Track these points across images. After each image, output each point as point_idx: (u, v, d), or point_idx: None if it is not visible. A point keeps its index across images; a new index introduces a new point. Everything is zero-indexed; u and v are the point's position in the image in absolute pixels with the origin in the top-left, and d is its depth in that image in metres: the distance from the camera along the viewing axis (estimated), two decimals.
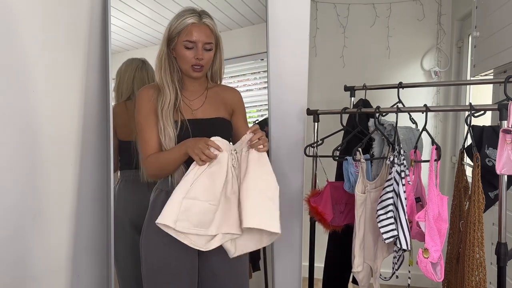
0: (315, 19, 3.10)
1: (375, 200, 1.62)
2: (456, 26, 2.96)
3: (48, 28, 1.59)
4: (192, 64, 1.44)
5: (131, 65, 1.83)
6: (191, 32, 1.41)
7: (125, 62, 1.85)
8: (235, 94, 1.63)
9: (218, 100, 1.57)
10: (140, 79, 1.83)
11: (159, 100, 1.46)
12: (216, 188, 1.33)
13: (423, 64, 3.06)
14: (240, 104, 1.64)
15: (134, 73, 1.82)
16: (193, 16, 1.42)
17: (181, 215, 1.29)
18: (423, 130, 1.62)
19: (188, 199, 1.30)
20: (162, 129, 1.44)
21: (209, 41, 1.44)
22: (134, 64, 1.84)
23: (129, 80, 1.82)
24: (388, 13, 3.05)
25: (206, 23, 1.44)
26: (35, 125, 1.54)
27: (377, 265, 1.72)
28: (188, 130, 1.45)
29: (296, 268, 2.07)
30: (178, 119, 1.46)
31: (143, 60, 1.86)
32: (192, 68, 1.45)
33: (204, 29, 1.43)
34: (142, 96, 1.49)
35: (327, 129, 1.89)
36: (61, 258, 1.71)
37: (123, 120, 1.79)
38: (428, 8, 3.02)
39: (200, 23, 1.42)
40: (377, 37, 3.07)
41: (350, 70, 3.05)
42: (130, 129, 1.71)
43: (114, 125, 1.76)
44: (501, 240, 1.43)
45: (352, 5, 3.10)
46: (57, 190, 1.67)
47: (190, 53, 1.43)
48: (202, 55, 1.43)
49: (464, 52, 2.93)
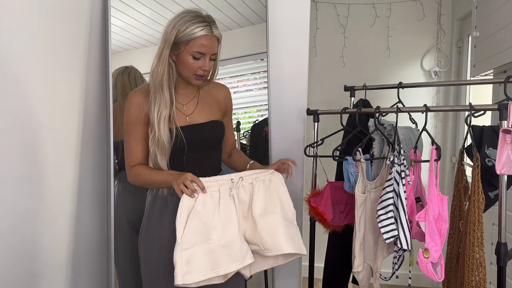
0: (315, 19, 3.10)
1: (375, 200, 1.62)
2: (456, 26, 2.96)
3: (48, 28, 1.59)
4: (196, 74, 1.42)
5: (115, 72, 1.83)
6: (202, 45, 1.37)
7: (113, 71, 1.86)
8: (226, 92, 1.60)
9: (211, 100, 1.55)
10: (121, 82, 1.82)
11: (154, 106, 1.39)
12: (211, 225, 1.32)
13: (423, 64, 3.06)
14: (230, 103, 1.63)
15: (116, 78, 1.82)
16: (204, 26, 1.36)
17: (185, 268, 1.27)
18: (423, 130, 1.62)
19: (184, 251, 1.28)
20: (156, 139, 1.39)
21: (216, 51, 1.42)
22: (117, 70, 1.84)
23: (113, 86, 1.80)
24: (388, 13, 3.05)
25: (216, 34, 1.40)
26: (35, 125, 1.54)
27: (377, 265, 1.72)
28: (182, 141, 1.41)
29: (296, 268, 2.07)
30: (173, 127, 1.41)
31: (127, 66, 1.85)
32: (195, 77, 1.42)
33: (214, 42, 1.40)
34: (133, 100, 1.44)
35: (327, 129, 1.89)
36: (61, 258, 1.71)
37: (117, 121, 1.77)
38: (428, 8, 3.02)
39: (211, 35, 1.38)
40: (377, 37, 3.07)
41: (350, 70, 3.05)
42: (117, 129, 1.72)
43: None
44: (501, 240, 1.43)
45: (352, 5, 3.10)
46: (57, 190, 1.67)
47: (197, 63, 1.39)
48: (209, 66, 1.41)
49: (464, 52, 2.93)
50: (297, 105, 2.01)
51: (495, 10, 1.96)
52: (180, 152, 1.43)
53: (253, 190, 1.40)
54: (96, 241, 1.87)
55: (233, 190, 1.37)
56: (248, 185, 1.40)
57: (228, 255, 1.33)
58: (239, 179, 1.38)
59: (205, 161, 1.50)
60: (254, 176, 1.42)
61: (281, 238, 1.36)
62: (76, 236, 1.76)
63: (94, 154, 1.83)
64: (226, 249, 1.33)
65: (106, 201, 1.85)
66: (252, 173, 1.43)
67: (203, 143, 1.49)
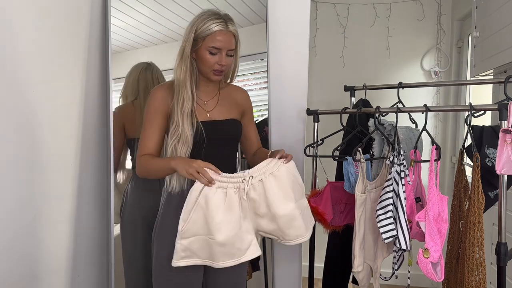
0: (315, 19, 3.10)
1: (375, 200, 1.62)
2: (456, 26, 2.96)
3: (48, 28, 1.59)
4: (213, 69, 1.46)
5: (136, 68, 1.88)
6: (217, 39, 1.42)
7: (132, 67, 1.89)
8: (244, 95, 1.65)
9: (230, 100, 1.59)
10: (144, 79, 1.86)
11: (177, 101, 1.45)
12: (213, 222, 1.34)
13: (423, 64, 3.06)
14: (249, 105, 1.67)
15: (138, 75, 1.86)
16: (220, 22, 1.42)
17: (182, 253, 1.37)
18: (423, 130, 1.62)
19: (184, 239, 1.36)
20: (179, 132, 1.44)
21: (233, 47, 1.46)
22: (139, 66, 1.88)
23: (134, 82, 1.85)
24: (388, 13, 3.05)
25: (231, 30, 1.45)
26: (35, 125, 1.54)
27: (377, 265, 1.72)
28: (202, 135, 1.46)
29: (296, 268, 2.07)
30: (194, 121, 1.46)
31: (149, 63, 1.90)
32: (213, 72, 1.47)
33: (229, 37, 1.44)
34: (155, 95, 1.49)
35: (327, 129, 1.89)
36: (61, 258, 1.71)
37: (131, 118, 1.82)
38: (428, 8, 3.02)
39: (226, 30, 1.43)
40: (377, 37, 3.07)
41: (350, 70, 3.05)
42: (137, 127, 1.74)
43: (123, 123, 1.80)
44: (501, 240, 1.43)
45: (352, 5, 3.10)
46: (57, 190, 1.67)
47: (214, 59, 1.44)
48: (225, 61, 1.45)
49: (464, 52, 2.93)
50: (297, 105, 2.01)
51: (495, 10, 1.96)
52: (198, 147, 1.47)
53: (264, 187, 1.41)
54: (96, 241, 1.87)
55: (241, 191, 1.39)
56: (258, 182, 1.40)
57: (225, 253, 1.37)
58: (249, 178, 1.40)
59: (222, 158, 1.51)
60: (263, 171, 1.42)
61: (301, 228, 1.45)
62: (76, 236, 1.76)
63: (94, 154, 1.83)
64: (224, 248, 1.36)
65: (106, 201, 1.85)
66: (260, 168, 1.43)
67: (222, 140, 1.52)
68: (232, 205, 1.37)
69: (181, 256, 1.37)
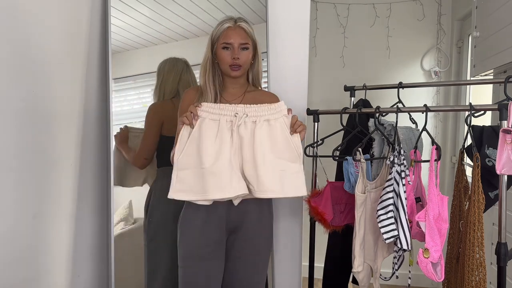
0: (315, 19, 3.10)
1: (375, 200, 1.62)
2: (456, 26, 2.96)
3: (48, 28, 1.59)
4: (230, 64, 1.53)
5: (176, 67, 1.91)
6: (228, 35, 1.53)
7: (168, 62, 1.91)
8: (273, 99, 1.64)
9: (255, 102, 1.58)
10: (185, 81, 1.91)
11: (200, 101, 1.53)
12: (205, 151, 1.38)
13: (423, 64, 3.06)
14: None
15: (180, 76, 1.90)
16: (229, 21, 1.54)
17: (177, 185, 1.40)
18: (423, 130, 1.62)
19: (179, 170, 1.40)
20: None
21: (245, 41, 1.54)
22: (179, 66, 1.91)
23: (174, 81, 1.89)
24: (388, 13, 3.05)
25: (241, 26, 1.55)
26: (35, 125, 1.54)
27: (377, 265, 1.72)
28: None
29: (296, 268, 2.07)
30: None
31: (186, 63, 1.93)
32: (230, 68, 1.54)
33: (239, 31, 1.54)
34: (186, 97, 1.61)
35: (327, 129, 1.89)
36: (61, 258, 1.71)
37: (169, 116, 1.82)
38: (428, 8, 3.02)
39: (235, 26, 1.54)
40: (377, 37, 3.07)
41: (350, 70, 3.05)
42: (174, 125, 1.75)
43: (163, 120, 1.84)
44: (501, 240, 1.43)
45: (352, 5, 3.10)
46: (57, 190, 1.67)
47: (228, 54, 1.53)
48: (238, 54, 1.52)
49: (464, 52, 2.93)
50: (297, 105, 2.01)
51: (495, 10, 1.96)
52: None
53: (255, 128, 1.42)
54: (96, 241, 1.87)
55: (234, 125, 1.41)
56: (251, 123, 1.42)
57: (216, 185, 1.38)
58: (243, 115, 1.42)
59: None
60: (261, 113, 1.43)
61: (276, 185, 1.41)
62: (76, 236, 1.76)
63: (94, 154, 1.84)
64: (215, 177, 1.38)
65: (106, 201, 1.85)
66: (259, 109, 1.43)
67: None
68: (224, 136, 1.40)
69: (177, 189, 1.40)
